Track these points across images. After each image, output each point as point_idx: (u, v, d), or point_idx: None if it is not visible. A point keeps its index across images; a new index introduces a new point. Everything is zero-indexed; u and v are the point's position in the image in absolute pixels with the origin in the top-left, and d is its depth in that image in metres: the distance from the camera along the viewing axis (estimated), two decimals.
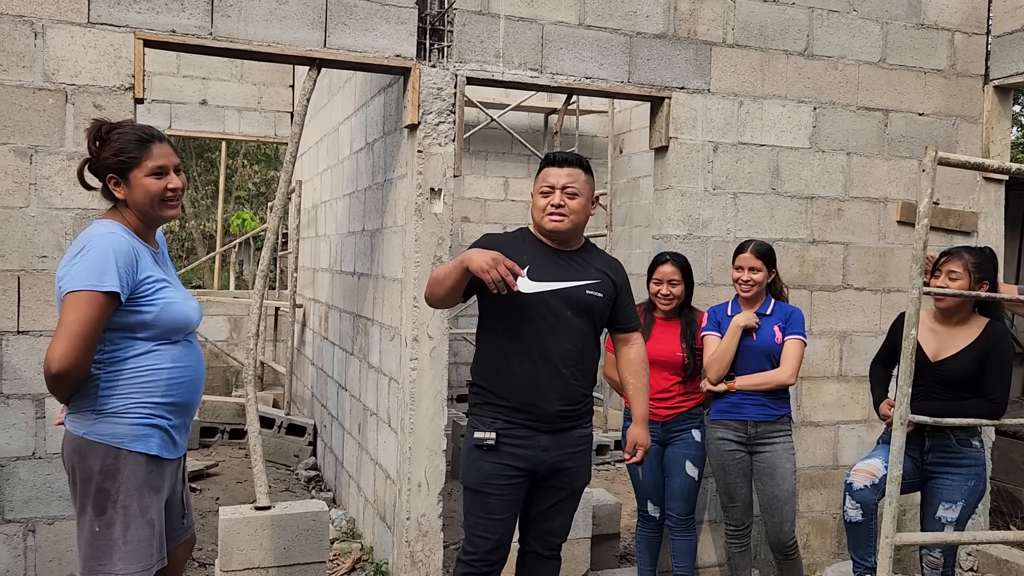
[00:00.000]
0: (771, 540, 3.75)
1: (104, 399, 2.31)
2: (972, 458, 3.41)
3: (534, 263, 2.90)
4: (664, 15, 4.23)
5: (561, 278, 2.92)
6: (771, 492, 3.68)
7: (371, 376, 4.75)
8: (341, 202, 5.94)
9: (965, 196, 4.80)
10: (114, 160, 2.38)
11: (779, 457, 3.68)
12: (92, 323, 2.23)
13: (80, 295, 2.23)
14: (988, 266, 3.39)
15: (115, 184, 2.40)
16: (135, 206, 2.42)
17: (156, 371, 2.37)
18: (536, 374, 2.86)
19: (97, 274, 2.24)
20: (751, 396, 3.68)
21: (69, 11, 3.37)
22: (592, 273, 2.98)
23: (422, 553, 3.93)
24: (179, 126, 8.43)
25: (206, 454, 6.81)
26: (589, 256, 3.03)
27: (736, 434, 3.72)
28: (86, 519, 2.32)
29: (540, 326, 2.86)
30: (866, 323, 4.64)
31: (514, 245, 2.93)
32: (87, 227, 2.42)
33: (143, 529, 2.34)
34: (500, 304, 2.86)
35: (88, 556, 2.32)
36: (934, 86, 4.72)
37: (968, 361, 3.34)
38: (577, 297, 2.92)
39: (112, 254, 2.27)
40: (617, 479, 6.56)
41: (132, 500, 2.32)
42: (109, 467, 2.30)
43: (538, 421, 2.86)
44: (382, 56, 3.82)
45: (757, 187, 4.42)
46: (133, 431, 2.33)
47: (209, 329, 8.95)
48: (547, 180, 2.92)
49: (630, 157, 9.02)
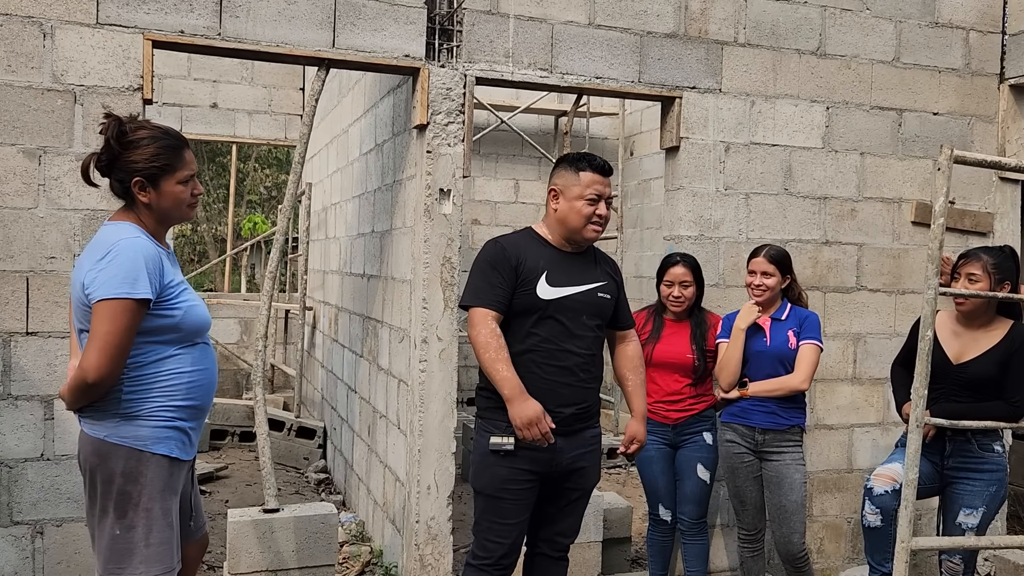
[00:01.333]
0: (780, 551, 3.69)
1: (128, 403, 2.31)
2: (994, 463, 3.34)
3: (551, 268, 2.88)
4: (675, 14, 4.20)
5: (577, 282, 2.91)
6: (778, 502, 3.63)
7: (380, 378, 4.72)
8: (351, 204, 5.93)
9: (980, 196, 4.74)
10: (147, 166, 2.35)
11: (787, 467, 3.61)
12: (127, 332, 2.24)
13: (114, 304, 2.21)
14: (1009, 265, 3.33)
15: (140, 189, 2.36)
16: (158, 212, 2.41)
17: (178, 375, 2.37)
18: (554, 378, 2.84)
19: (129, 281, 2.23)
20: (761, 403, 3.62)
21: (78, 12, 3.37)
22: (600, 275, 2.98)
23: (431, 556, 3.90)
24: (190, 129, 8.45)
25: (216, 456, 6.81)
26: (593, 258, 3.03)
27: (744, 439, 3.67)
28: (107, 522, 2.31)
29: (558, 330, 2.85)
30: (880, 325, 4.59)
31: (530, 249, 2.91)
32: (103, 229, 2.39)
33: (165, 531, 2.34)
34: (519, 310, 2.84)
35: (107, 559, 2.31)
36: (949, 85, 4.67)
37: (991, 364, 3.29)
38: (591, 300, 2.92)
39: (142, 259, 2.26)
40: (629, 482, 6.52)
41: (155, 503, 2.32)
42: (132, 470, 2.30)
43: (556, 424, 2.83)
44: (391, 56, 3.80)
45: (769, 187, 4.37)
46: (156, 433, 2.33)
47: (220, 332, 8.96)
48: (594, 188, 2.87)
49: (641, 159, 8.98)
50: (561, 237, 2.95)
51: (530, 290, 2.83)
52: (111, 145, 2.34)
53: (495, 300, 2.82)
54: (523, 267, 2.85)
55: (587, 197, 2.86)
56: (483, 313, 2.81)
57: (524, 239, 2.96)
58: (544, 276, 2.84)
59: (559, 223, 2.93)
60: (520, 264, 2.84)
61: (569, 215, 2.89)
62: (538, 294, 2.83)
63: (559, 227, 2.94)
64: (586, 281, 2.92)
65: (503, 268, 2.84)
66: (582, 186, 2.87)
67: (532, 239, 2.96)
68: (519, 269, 2.84)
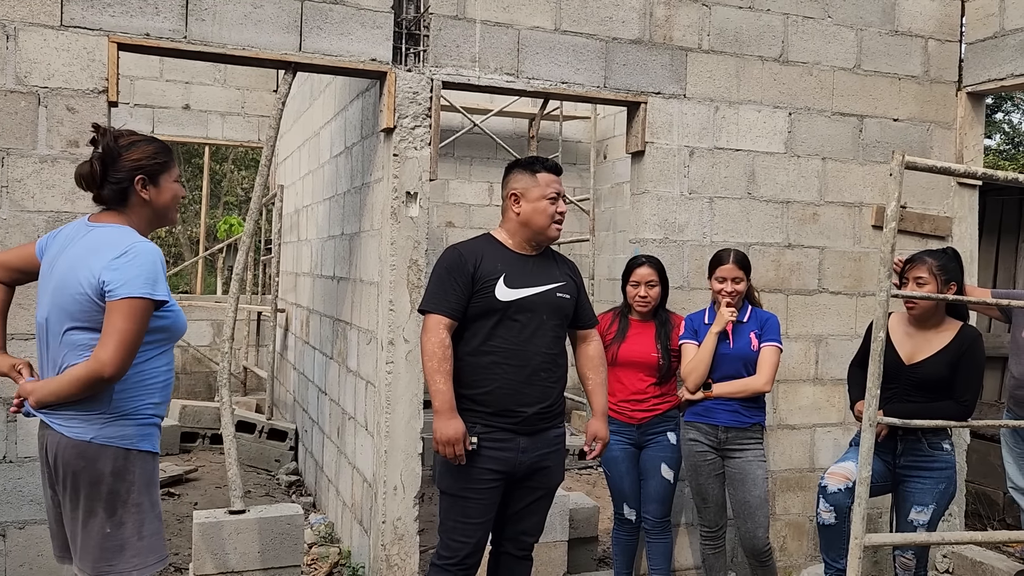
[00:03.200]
0: (745, 546, 3.76)
1: (119, 402, 2.36)
2: (943, 461, 3.43)
3: (509, 271, 2.92)
4: (640, 21, 4.26)
5: (535, 283, 2.96)
6: (742, 498, 3.70)
7: (349, 380, 4.74)
8: (322, 206, 5.95)
9: (940, 201, 4.85)
10: (150, 162, 2.43)
11: (750, 464, 3.70)
12: (143, 331, 2.31)
13: (138, 303, 2.28)
14: (953, 266, 3.42)
15: (143, 186, 2.43)
16: (155, 211, 2.48)
17: (158, 373, 2.45)
18: (517, 379, 2.89)
19: (151, 282, 2.30)
20: (724, 402, 3.70)
21: (41, 14, 3.36)
22: (558, 275, 3.04)
23: (398, 557, 3.93)
24: (162, 131, 8.41)
25: (186, 459, 6.77)
26: (551, 259, 3.08)
27: (707, 437, 3.74)
28: (94, 522, 2.34)
29: (518, 331, 2.90)
30: (842, 327, 4.67)
31: (487, 253, 2.95)
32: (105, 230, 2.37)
33: (154, 523, 2.42)
34: (479, 313, 2.89)
35: (98, 558, 2.34)
36: (908, 92, 4.77)
37: (942, 364, 3.37)
38: (550, 300, 2.97)
39: (159, 263, 2.35)
40: (598, 483, 6.57)
41: (144, 497, 2.39)
42: (120, 468, 2.34)
43: (518, 424, 2.89)
44: (358, 60, 3.83)
45: (733, 191, 4.44)
46: (140, 431, 2.40)
47: (192, 334, 8.92)
48: (553, 187, 2.97)
49: (614, 163, 9.06)
50: (523, 240, 3.00)
51: (488, 293, 2.88)
52: (111, 148, 2.39)
53: (449, 307, 2.87)
54: (480, 271, 2.89)
55: (548, 196, 2.94)
56: (437, 320, 2.86)
57: (482, 244, 3.01)
58: (502, 278, 2.89)
59: (523, 226, 2.98)
60: (477, 268, 2.89)
61: (533, 216, 2.95)
62: (496, 296, 2.87)
63: (523, 230, 2.98)
64: (544, 282, 2.97)
65: (459, 274, 2.88)
66: (541, 186, 2.94)
67: (490, 244, 3.01)
68: (476, 273, 2.89)
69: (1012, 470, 4.30)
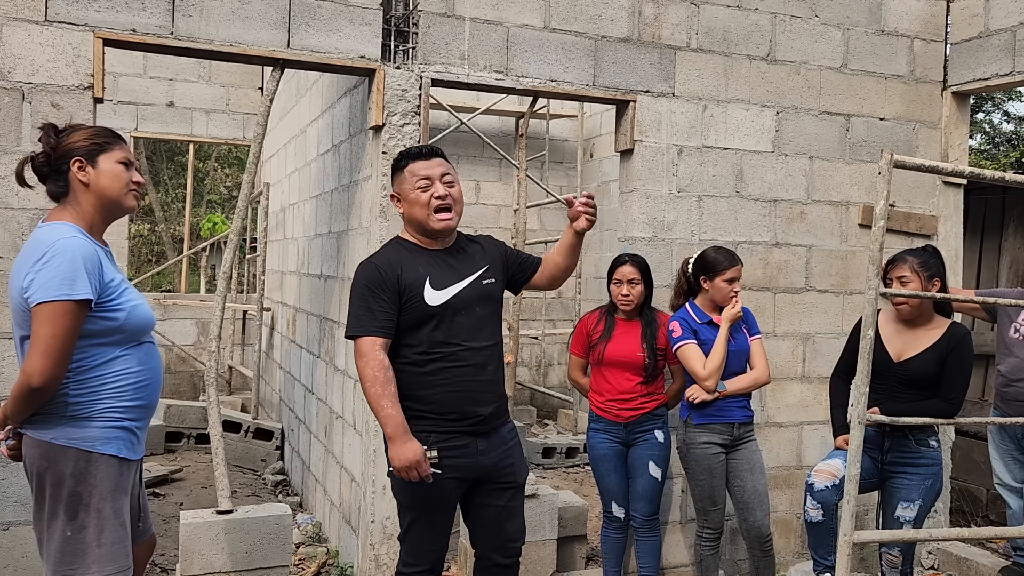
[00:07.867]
0: (752, 535, 3.78)
1: (75, 406, 2.29)
2: (929, 458, 3.46)
3: (432, 272, 2.79)
4: (629, 19, 4.26)
5: (459, 278, 2.83)
6: (753, 486, 3.74)
7: (337, 379, 4.72)
8: (308, 204, 5.91)
9: (925, 200, 4.88)
10: (86, 143, 2.36)
11: (755, 453, 3.79)
12: (69, 334, 2.21)
13: (53, 306, 2.18)
14: (934, 262, 3.44)
15: (80, 168, 2.35)
16: (99, 195, 2.38)
17: (126, 375, 2.35)
18: (469, 379, 2.78)
19: (68, 282, 2.19)
20: (736, 398, 3.74)
21: (25, 8, 3.32)
22: (478, 262, 2.90)
23: (387, 556, 3.91)
24: (146, 128, 8.34)
25: (171, 459, 6.72)
26: (465, 247, 2.94)
27: (721, 437, 3.73)
28: (57, 524, 2.28)
29: (458, 330, 2.78)
30: (829, 325, 4.70)
31: (404, 259, 2.81)
32: (38, 230, 2.34)
33: (117, 531, 2.33)
34: (414, 322, 2.76)
35: (59, 561, 2.28)
36: (894, 91, 4.80)
37: (930, 362, 3.40)
38: (479, 290, 2.85)
39: (80, 259, 2.22)
40: (586, 481, 6.57)
41: (105, 503, 2.30)
42: (81, 471, 2.27)
43: (475, 426, 2.80)
44: (346, 57, 3.81)
45: (721, 190, 4.46)
46: (104, 434, 2.31)
47: (176, 333, 8.86)
48: (420, 174, 2.77)
49: (600, 161, 9.07)
50: (424, 236, 2.85)
51: (418, 300, 2.74)
52: (50, 138, 2.35)
53: (379, 326, 2.71)
54: (403, 280, 2.75)
55: (418, 186, 2.76)
56: (370, 342, 2.69)
57: (396, 251, 2.85)
58: (427, 282, 2.76)
59: (410, 223, 2.85)
60: (400, 278, 2.75)
61: (412, 210, 2.80)
62: (427, 301, 2.74)
63: (413, 227, 2.86)
64: (468, 272, 2.85)
65: (382, 289, 2.73)
66: (410, 179, 2.79)
67: (404, 248, 2.86)
68: (400, 285, 2.74)
69: (999, 467, 4.34)
